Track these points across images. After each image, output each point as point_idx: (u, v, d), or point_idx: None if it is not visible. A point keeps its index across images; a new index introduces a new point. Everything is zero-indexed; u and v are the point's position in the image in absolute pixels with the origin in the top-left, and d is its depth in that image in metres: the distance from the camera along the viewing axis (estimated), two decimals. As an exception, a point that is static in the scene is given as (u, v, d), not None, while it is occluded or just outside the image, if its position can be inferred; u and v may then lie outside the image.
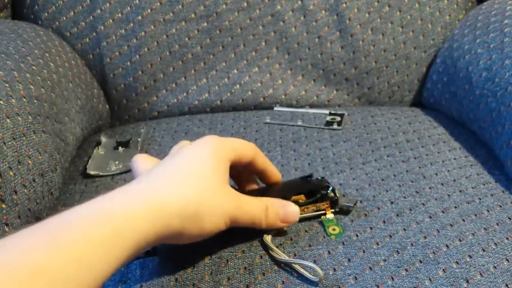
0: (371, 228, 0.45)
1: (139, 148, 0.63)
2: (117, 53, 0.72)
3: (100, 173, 0.58)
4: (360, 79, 0.74)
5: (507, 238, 0.44)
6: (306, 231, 0.45)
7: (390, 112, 0.68)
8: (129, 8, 0.72)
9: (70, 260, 0.29)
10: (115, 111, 0.76)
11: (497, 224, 0.46)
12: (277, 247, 0.43)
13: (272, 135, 0.63)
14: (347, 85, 0.75)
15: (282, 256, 0.42)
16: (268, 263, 0.42)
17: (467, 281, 0.40)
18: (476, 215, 0.47)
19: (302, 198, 0.47)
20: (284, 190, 0.47)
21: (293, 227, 0.45)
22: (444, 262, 0.41)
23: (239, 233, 0.45)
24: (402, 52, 0.74)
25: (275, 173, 0.48)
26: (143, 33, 0.72)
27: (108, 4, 0.71)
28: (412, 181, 0.52)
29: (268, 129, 0.65)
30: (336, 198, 0.46)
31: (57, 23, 0.72)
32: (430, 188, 0.50)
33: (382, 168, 0.54)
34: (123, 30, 0.72)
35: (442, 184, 0.51)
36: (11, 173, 0.46)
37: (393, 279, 0.40)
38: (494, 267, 0.41)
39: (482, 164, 0.55)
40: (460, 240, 0.44)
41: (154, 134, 0.67)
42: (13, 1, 0.74)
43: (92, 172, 0.58)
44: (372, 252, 0.43)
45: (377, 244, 0.43)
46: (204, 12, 0.72)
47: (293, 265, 0.41)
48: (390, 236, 0.44)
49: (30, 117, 0.52)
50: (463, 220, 0.46)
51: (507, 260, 0.42)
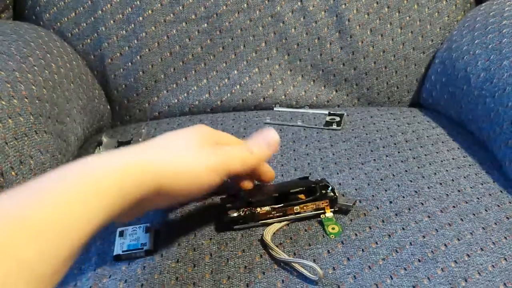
0: (370, 228, 0.45)
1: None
2: (118, 54, 0.73)
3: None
4: (359, 80, 0.75)
5: (505, 237, 0.44)
6: (305, 230, 0.45)
7: (389, 112, 0.69)
8: (130, 9, 0.72)
9: (54, 213, 0.30)
10: (116, 111, 0.76)
11: (495, 223, 0.46)
12: (277, 246, 0.43)
13: (272, 135, 0.63)
14: (347, 86, 0.75)
15: (282, 255, 0.42)
16: (268, 262, 0.42)
17: (466, 280, 0.40)
18: (474, 214, 0.47)
19: (301, 197, 0.47)
20: (284, 186, 0.48)
21: (293, 226, 0.46)
22: (443, 261, 0.42)
23: (239, 232, 0.45)
24: (401, 53, 0.74)
25: (268, 170, 0.48)
26: (144, 34, 0.72)
27: (109, 5, 0.72)
28: (411, 181, 0.52)
29: (268, 129, 0.65)
30: (335, 198, 0.47)
31: (58, 24, 0.73)
32: (428, 187, 0.51)
33: (381, 168, 0.54)
34: (124, 31, 0.72)
35: (441, 183, 0.51)
36: (13, 173, 0.47)
37: (392, 278, 0.40)
38: (492, 266, 0.41)
39: (480, 164, 0.56)
40: (458, 239, 0.44)
41: (155, 134, 0.67)
42: (15, 2, 0.74)
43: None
44: (371, 251, 0.43)
45: (376, 243, 0.44)
46: (204, 13, 0.72)
47: (293, 264, 0.41)
48: (389, 235, 0.44)
49: (32, 117, 0.52)
50: (462, 220, 0.46)
51: (505, 259, 0.42)
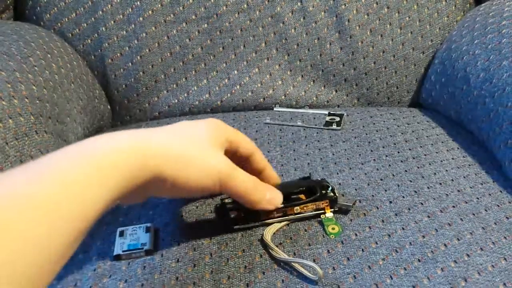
0: (370, 227, 0.45)
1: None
2: (118, 54, 0.73)
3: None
4: (359, 80, 0.75)
5: (505, 237, 0.44)
6: (305, 230, 0.45)
7: (389, 112, 0.69)
8: (130, 10, 0.72)
9: (61, 192, 0.29)
10: (116, 111, 0.76)
11: (495, 223, 0.46)
12: (277, 246, 0.43)
13: (272, 135, 0.64)
14: (346, 86, 0.75)
15: (282, 255, 0.42)
16: (268, 262, 0.42)
17: (465, 280, 0.40)
18: (474, 214, 0.47)
19: (301, 197, 0.47)
20: (284, 187, 0.48)
21: (293, 226, 0.46)
22: (443, 261, 0.42)
23: (239, 232, 0.45)
24: (401, 53, 0.74)
25: (274, 176, 0.48)
26: (144, 34, 0.72)
27: (109, 6, 0.72)
28: (411, 181, 0.52)
29: (268, 129, 0.66)
30: (335, 198, 0.47)
31: (59, 24, 0.73)
32: (428, 187, 0.51)
33: (381, 168, 0.54)
34: (124, 32, 0.72)
35: (441, 183, 0.51)
36: (13, 173, 0.47)
37: (391, 278, 0.40)
38: (492, 266, 0.41)
39: (480, 164, 0.56)
40: (458, 239, 0.44)
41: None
42: (15, 2, 0.74)
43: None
44: (371, 251, 0.43)
45: (376, 243, 0.44)
46: (204, 13, 0.72)
47: (293, 264, 0.41)
48: (389, 235, 0.44)
49: (32, 117, 0.52)
50: (461, 220, 0.46)
51: (504, 259, 0.42)
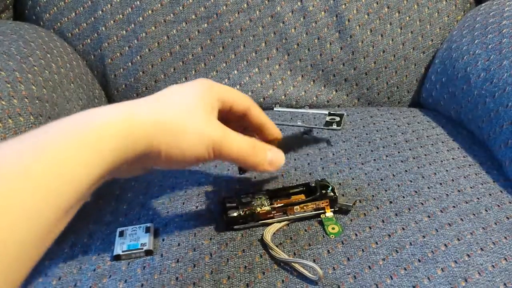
0: (370, 228, 0.45)
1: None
2: (118, 54, 0.73)
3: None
4: (359, 80, 0.75)
5: (505, 237, 0.44)
6: (305, 230, 0.45)
7: (389, 112, 0.69)
8: (130, 10, 0.72)
9: (54, 164, 0.29)
10: (116, 111, 0.76)
11: (495, 223, 0.46)
12: (277, 246, 0.43)
13: (272, 135, 0.63)
14: (347, 86, 0.75)
15: (282, 255, 0.42)
16: (268, 262, 0.42)
17: (466, 280, 0.40)
18: (474, 214, 0.47)
19: (301, 197, 0.47)
20: (286, 142, 0.44)
21: (293, 226, 0.46)
22: (443, 261, 0.42)
23: (239, 232, 0.45)
24: (401, 53, 0.74)
25: (275, 131, 0.46)
26: (144, 34, 0.72)
27: (109, 6, 0.72)
28: (411, 181, 0.52)
29: (268, 129, 0.65)
30: (335, 197, 0.47)
31: (58, 24, 0.73)
32: (428, 187, 0.51)
33: (381, 168, 0.54)
34: (124, 31, 0.72)
35: (441, 183, 0.51)
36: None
37: (392, 278, 0.40)
38: (493, 266, 0.41)
39: (481, 164, 0.56)
40: (458, 240, 0.44)
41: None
42: (15, 2, 0.74)
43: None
44: (371, 251, 0.43)
45: (376, 243, 0.44)
46: (204, 13, 0.72)
47: (293, 264, 0.41)
48: (389, 235, 0.44)
49: (32, 117, 0.52)
50: (462, 220, 0.46)
51: (505, 259, 0.42)
